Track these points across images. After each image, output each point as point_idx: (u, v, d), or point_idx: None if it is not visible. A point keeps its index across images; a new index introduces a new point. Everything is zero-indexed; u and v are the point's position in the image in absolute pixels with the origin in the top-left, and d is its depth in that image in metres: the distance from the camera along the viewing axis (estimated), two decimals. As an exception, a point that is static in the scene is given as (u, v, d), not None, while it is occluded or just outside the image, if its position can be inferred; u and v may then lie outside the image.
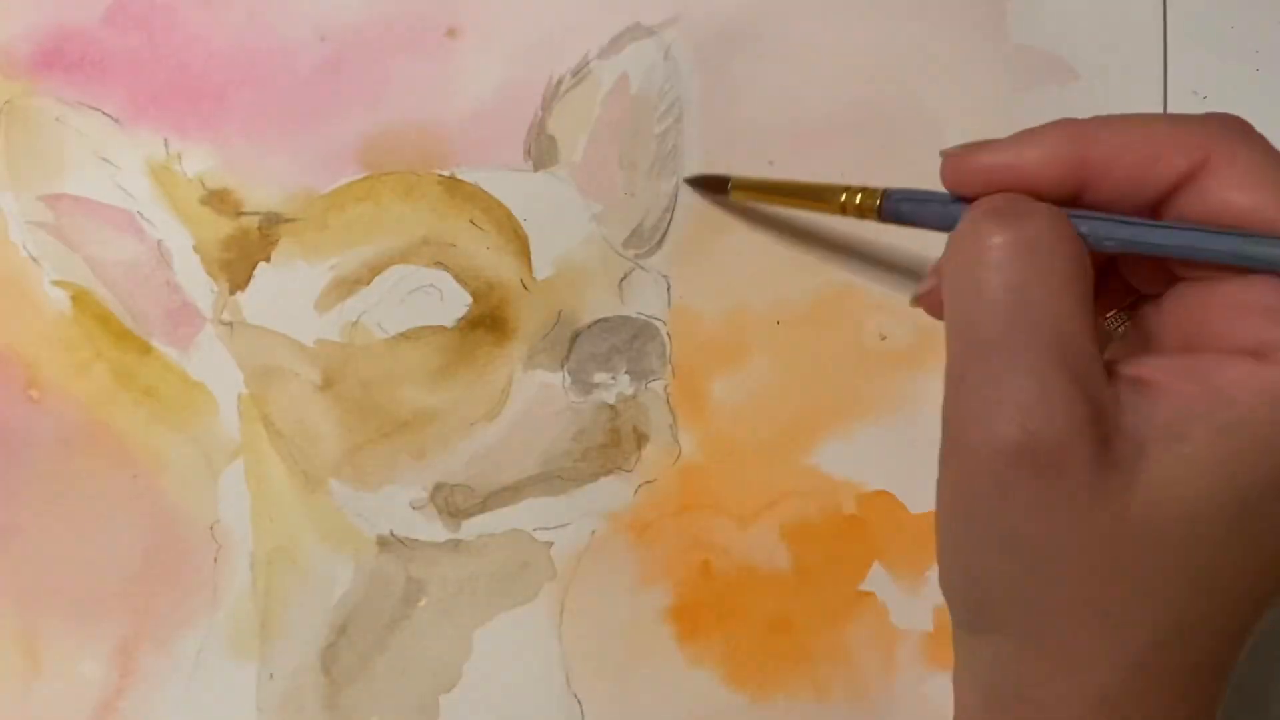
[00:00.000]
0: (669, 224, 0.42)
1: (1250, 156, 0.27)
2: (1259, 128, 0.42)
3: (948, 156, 0.30)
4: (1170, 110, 0.42)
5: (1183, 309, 0.29)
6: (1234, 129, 0.28)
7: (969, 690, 0.29)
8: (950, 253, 0.28)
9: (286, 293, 0.41)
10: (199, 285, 0.41)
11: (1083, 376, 0.26)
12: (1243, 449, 0.25)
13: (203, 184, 0.42)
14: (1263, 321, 0.27)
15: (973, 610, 0.28)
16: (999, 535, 0.27)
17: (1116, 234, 0.28)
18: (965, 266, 0.27)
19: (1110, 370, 0.27)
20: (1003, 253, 0.26)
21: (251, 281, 0.41)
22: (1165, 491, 0.26)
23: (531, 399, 0.41)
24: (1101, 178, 0.28)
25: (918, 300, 0.31)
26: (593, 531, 0.41)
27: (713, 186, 0.41)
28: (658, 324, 0.41)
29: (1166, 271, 0.29)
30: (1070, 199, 0.28)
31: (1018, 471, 0.26)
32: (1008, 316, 0.26)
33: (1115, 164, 0.28)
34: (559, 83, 0.42)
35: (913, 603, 0.40)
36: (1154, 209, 0.28)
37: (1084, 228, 0.28)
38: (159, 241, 0.41)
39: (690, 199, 0.42)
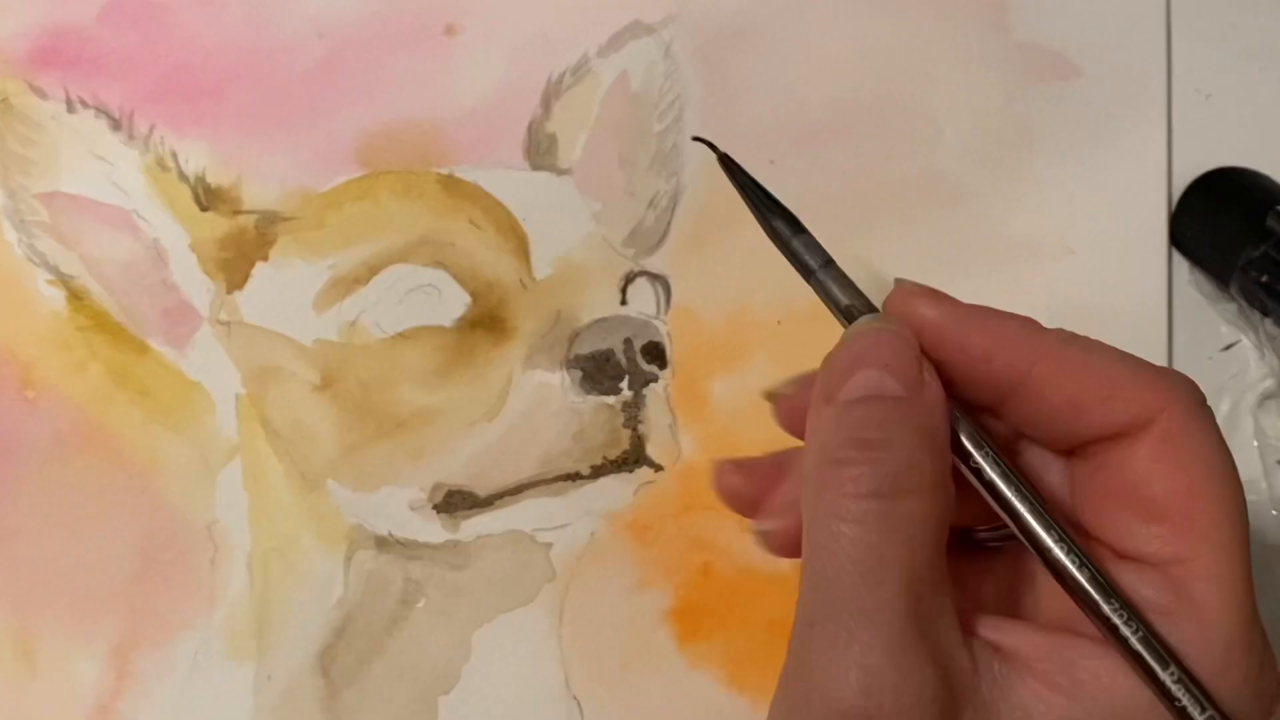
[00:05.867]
0: (669, 223, 0.42)
1: (1201, 435, 0.25)
2: (1261, 126, 0.43)
3: (905, 293, 0.27)
4: (1175, 109, 0.42)
5: None
6: (1193, 401, 0.25)
7: None
8: (807, 492, 0.26)
9: (284, 292, 0.41)
10: (196, 284, 0.41)
11: (937, 641, 0.24)
12: None
13: (199, 182, 0.41)
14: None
15: None
16: None
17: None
18: (822, 518, 0.25)
19: (972, 627, 0.25)
20: (861, 507, 0.24)
21: (249, 281, 0.41)
22: None
23: (531, 399, 0.41)
24: (1038, 397, 0.25)
25: (765, 539, 0.28)
26: (592, 532, 0.41)
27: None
28: (658, 324, 0.41)
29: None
30: (993, 403, 0.26)
31: None
32: (862, 575, 0.24)
33: (1060, 388, 0.25)
34: (559, 80, 0.42)
35: (914, 604, 0.40)
36: (1071, 451, 0.26)
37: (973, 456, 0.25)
38: (155, 240, 0.41)
39: (691, 198, 0.42)
